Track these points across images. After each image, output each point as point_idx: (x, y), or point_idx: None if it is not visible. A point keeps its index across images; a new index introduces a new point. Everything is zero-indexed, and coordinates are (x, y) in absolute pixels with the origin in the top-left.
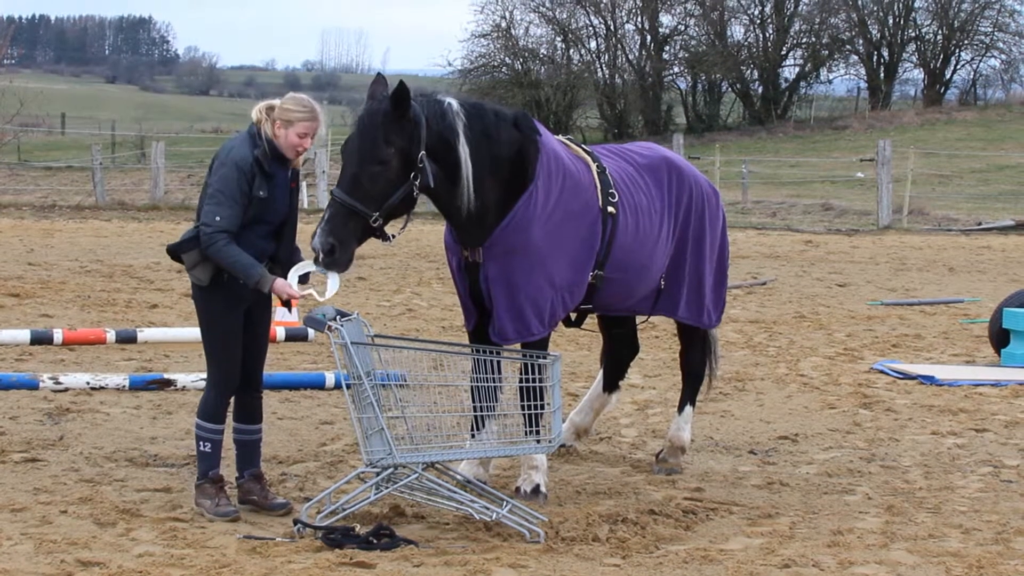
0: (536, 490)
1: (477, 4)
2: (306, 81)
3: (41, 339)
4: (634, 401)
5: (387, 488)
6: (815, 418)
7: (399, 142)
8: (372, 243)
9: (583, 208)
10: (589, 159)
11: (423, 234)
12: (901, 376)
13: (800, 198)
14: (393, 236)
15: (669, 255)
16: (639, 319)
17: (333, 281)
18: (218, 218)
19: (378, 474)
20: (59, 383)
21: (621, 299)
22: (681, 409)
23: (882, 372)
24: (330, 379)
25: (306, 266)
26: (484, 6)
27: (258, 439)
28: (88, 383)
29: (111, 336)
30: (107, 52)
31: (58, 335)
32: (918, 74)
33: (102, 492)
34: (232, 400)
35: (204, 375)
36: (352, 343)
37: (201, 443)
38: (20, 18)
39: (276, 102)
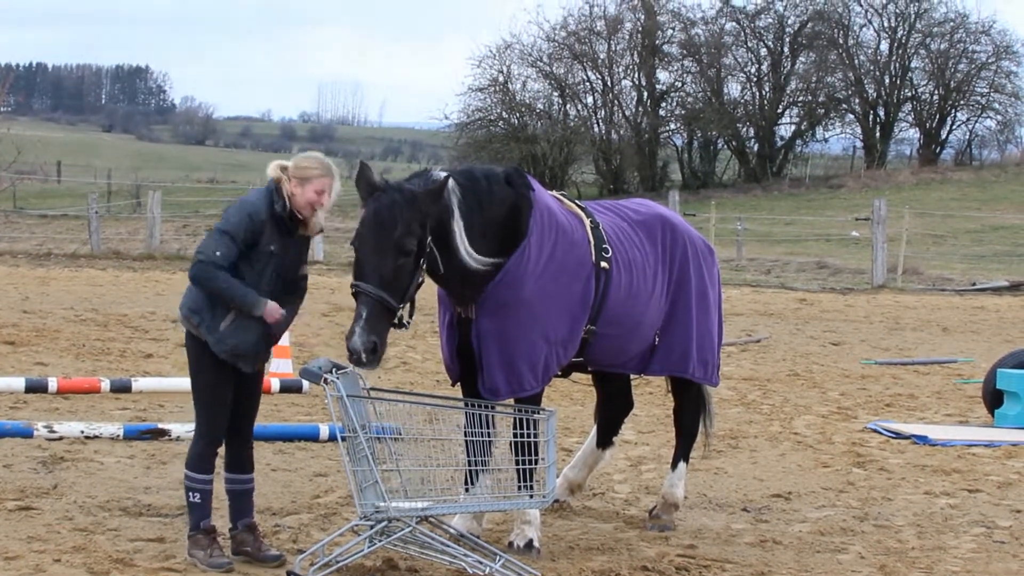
0: (529, 545)
1: (475, 58)
2: (302, 132)
3: (36, 387)
4: (628, 457)
5: (381, 541)
6: (808, 476)
7: (417, 232)
8: None
9: (577, 263)
10: (583, 214)
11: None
12: (895, 436)
13: (795, 256)
14: (408, 323)
15: (664, 312)
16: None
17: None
18: (218, 253)
19: (372, 527)
20: (53, 431)
21: (614, 355)
22: (675, 466)
23: (876, 431)
24: (324, 431)
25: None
26: (482, 60)
27: (250, 489)
28: (82, 432)
29: (106, 385)
30: (104, 101)
31: (53, 383)
32: (914, 134)
33: (96, 541)
34: (224, 450)
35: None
36: (347, 396)
37: (190, 494)
38: (17, 65)
39: (289, 162)
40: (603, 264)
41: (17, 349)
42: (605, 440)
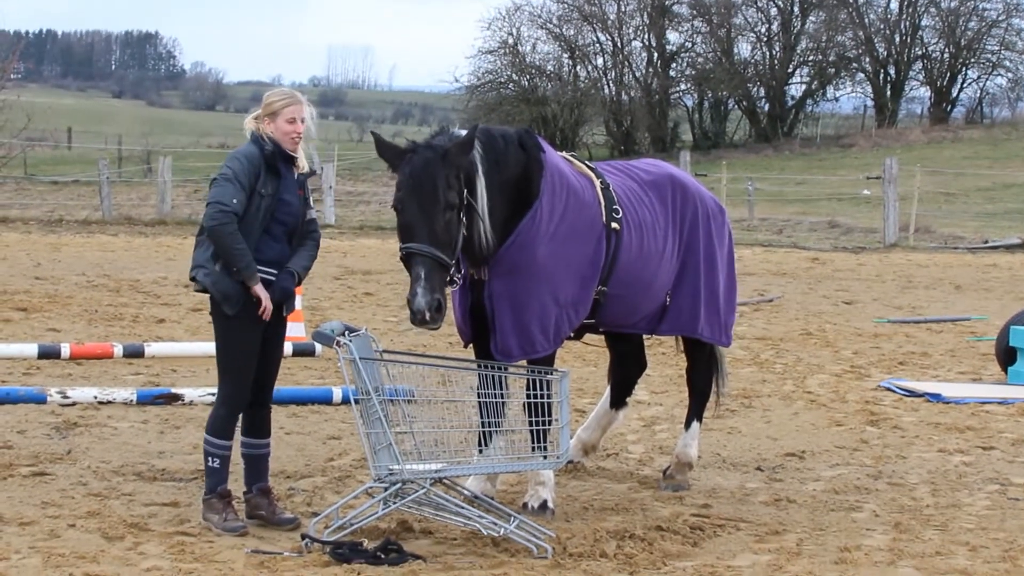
0: (543, 506)
1: (484, 20)
2: (312, 97)
3: (48, 353)
4: (641, 417)
5: (395, 503)
6: (822, 435)
7: (456, 185)
8: (378, 258)
9: (587, 225)
10: (593, 175)
11: None
12: (908, 394)
13: (806, 215)
14: (458, 280)
15: (674, 272)
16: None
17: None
18: (235, 200)
19: (386, 489)
20: (67, 397)
21: (625, 315)
22: (688, 426)
23: (889, 390)
24: (337, 394)
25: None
26: (491, 23)
27: (266, 453)
28: (96, 397)
29: (118, 350)
30: (113, 67)
31: (65, 349)
32: (924, 92)
33: (110, 506)
34: (244, 414)
35: (211, 390)
36: (360, 358)
37: (210, 459)
38: (27, 33)
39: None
40: (614, 225)
41: (29, 315)
42: (618, 401)
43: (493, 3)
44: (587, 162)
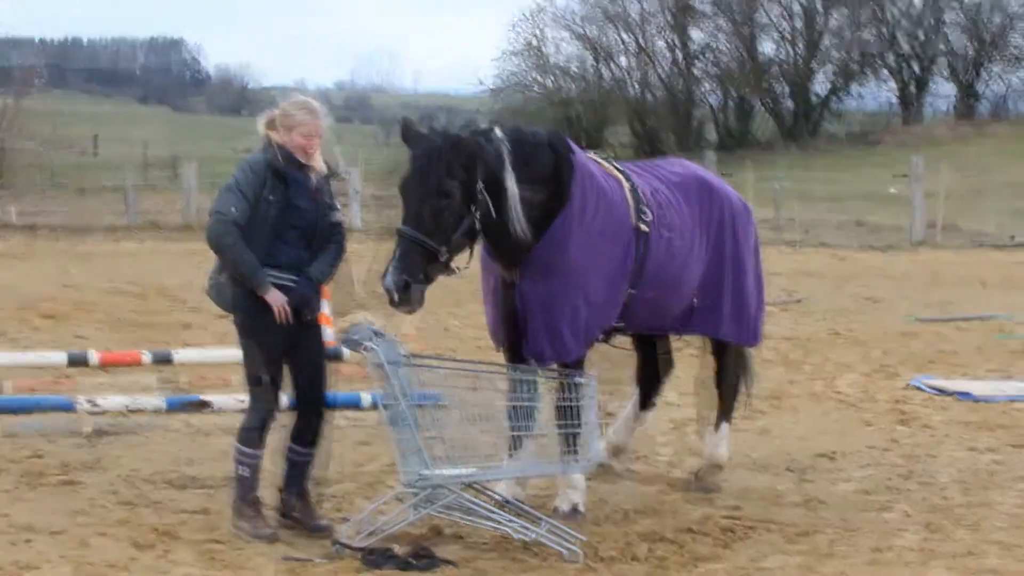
0: (575, 510)
1: (508, 22)
2: (337, 101)
3: (77, 361)
4: (671, 419)
5: (426, 508)
6: (852, 435)
7: (460, 175)
8: None
9: (617, 226)
10: (621, 177)
11: None
12: (937, 392)
13: (832, 214)
14: (459, 269)
15: (702, 273)
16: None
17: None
18: (233, 208)
19: (416, 494)
20: (96, 405)
21: (653, 317)
22: (717, 427)
23: (919, 388)
24: (366, 399)
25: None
26: (515, 24)
27: (310, 460)
28: (125, 405)
29: (147, 357)
30: (138, 73)
31: (94, 357)
32: (949, 88)
33: (140, 514)
34: (294, 420)
35: (240, 396)
36: (388, 362)
37: (240, 467)
38: (52, 40)
39: (277, 111)
40: (642, 227)
41: (57, 322)
42: (646, 402)
43: (516, 5)
44: (615, 163)
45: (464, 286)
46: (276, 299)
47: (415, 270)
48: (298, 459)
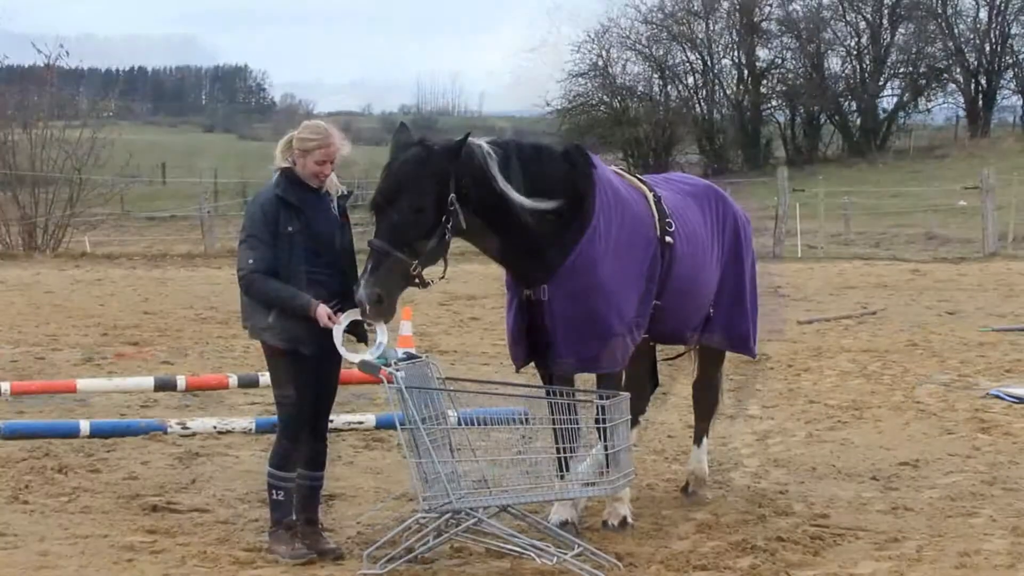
0: (623, 522)
1: (574, 44)
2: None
3: (165, 385)
4: (754, 431)
5: (448, 532)
6: (934, 444)
7: (433, 187)
8: (482, 283)
9: (645, 240)
10: (644, 188)
11: None
12: (1017, 400)
13: (902, 228)
14: (431, 282)
15: (717, 282)
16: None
17: (382, 334)
18: (251, 260)
19: (438, 518)
20: (187, 428)
21: (675, 328)
22: (699, 442)
23: (998, 397)
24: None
25: (352, 315)
26: (580, 45)
27: (319, 485)
28: (215, 427)
29: (233, 381)
30: (204, 101)
31: (181, 381)
32: (1017, 100)
33: (237, 533)
34: (303, 448)
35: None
36: (408, 387)
37: (274, 491)
38: (118, 71)
39: (293, 134)
40: (667, 239)
41: (141, 349)
42: (633, 420)
43: (582, 26)
44: (637, 175)
45: (485, 307)
46: (322, 313)
47: (387, 283)
48: (308, 484)
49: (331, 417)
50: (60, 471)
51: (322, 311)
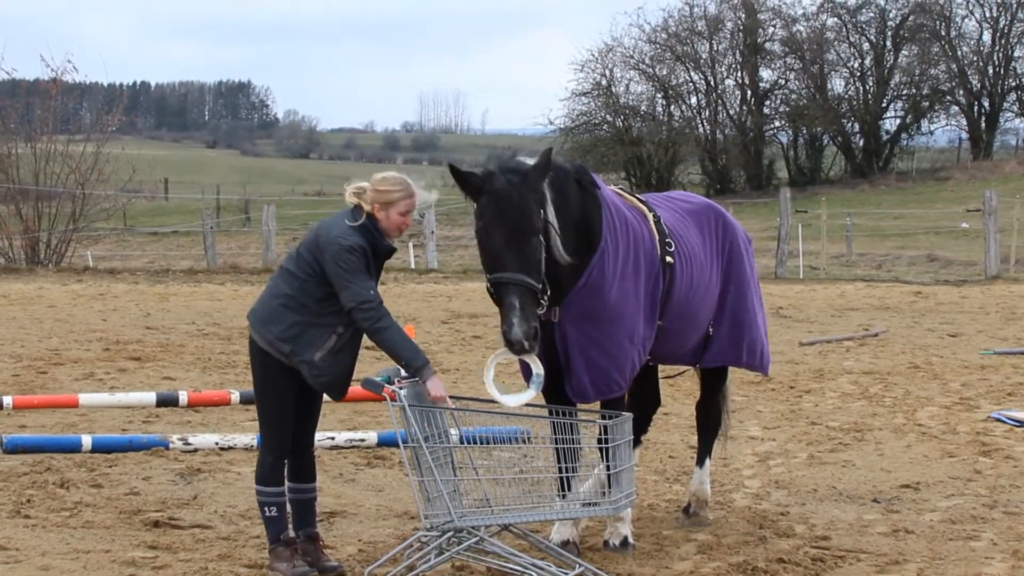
0: (624, 542)
1: (577, 63)
2: (405, 142)
3: (167, 401)
4: (755, 453)
5: (449, 551)
6: (935, 466)
7: (536, 208)
8: (484, 301)
9: (648, 261)
10: (645, 208)
11: None
12: (1018, 424)
13: (904, 250)
14: (545, 303)
15: (716, 301)
16: (660, 368)
17: (536, 366)
18: (372, 291)
19: (439, 536)
20: (189, 444)
21: (675, 348)
22: (701, 463)
23: (999, 420)
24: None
25: (502, 355)
26: (584, 64)
27: (313, 497)
28: (217, 443)
29: (235, 397)
30: (207, 117)
31: (183, 396)
32: (1019, 123)
33: (240, 550)
34: (288, 460)
35: (330, 434)
36: (410, 406)
37: (265, 508)
38: (121, 85)
39: (365, 184)
40: (668, 259)
41: (144, 364)
42: (635, 440)
43: (585, 45)
44: (636, 195)
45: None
46: (438, 388)
47: (533, 315)
48: (301, 497)
49: (332, 435)
50: (62, 486)
51: (436, 387)
